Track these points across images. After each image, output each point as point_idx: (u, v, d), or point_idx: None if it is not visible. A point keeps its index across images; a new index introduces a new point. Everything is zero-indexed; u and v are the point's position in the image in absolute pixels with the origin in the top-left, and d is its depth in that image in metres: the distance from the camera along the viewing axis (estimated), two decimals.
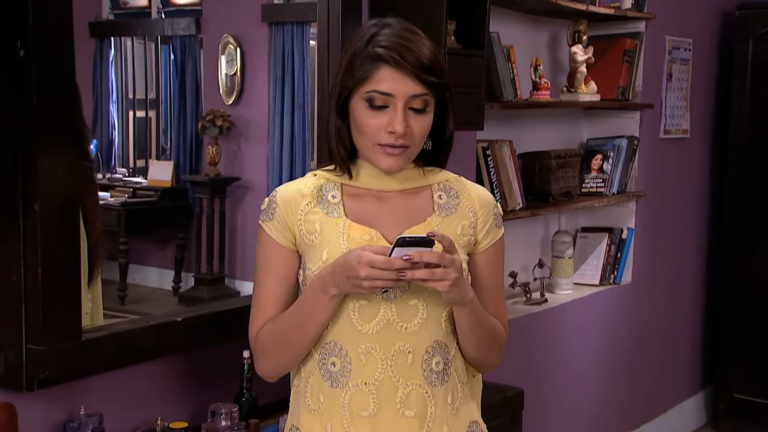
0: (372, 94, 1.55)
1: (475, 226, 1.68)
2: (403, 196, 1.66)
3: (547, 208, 3.23)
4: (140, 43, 5.58)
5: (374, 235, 1.59)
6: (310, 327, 1.57)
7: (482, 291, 1.70)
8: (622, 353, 3.85)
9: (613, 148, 3.66)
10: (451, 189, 1.70)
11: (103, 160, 5.62)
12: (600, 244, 3.74)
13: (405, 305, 1.59)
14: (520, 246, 3.48)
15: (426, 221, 1.64)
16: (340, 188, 1.64)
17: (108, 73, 5.62)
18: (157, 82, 5.61)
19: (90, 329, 1.83)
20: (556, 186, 3.29)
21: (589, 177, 3.63)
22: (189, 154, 5.34)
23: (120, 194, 5.28)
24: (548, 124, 3.58)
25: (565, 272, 3.53)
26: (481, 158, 2.94)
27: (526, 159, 3.33)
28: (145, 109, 5.67)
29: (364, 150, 1.60)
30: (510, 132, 3.27)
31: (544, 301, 3.37)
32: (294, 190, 1.63)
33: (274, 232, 1.62)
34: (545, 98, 3.21)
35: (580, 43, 3.44)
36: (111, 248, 5.40)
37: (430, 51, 1.58)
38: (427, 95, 1.57)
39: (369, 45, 1.56)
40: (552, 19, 3.52)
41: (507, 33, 3.13)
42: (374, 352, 1.59)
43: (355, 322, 1.59)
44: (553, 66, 3.60)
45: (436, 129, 1.67)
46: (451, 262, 1.49)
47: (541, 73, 3.20)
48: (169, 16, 5.43)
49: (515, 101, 3.02)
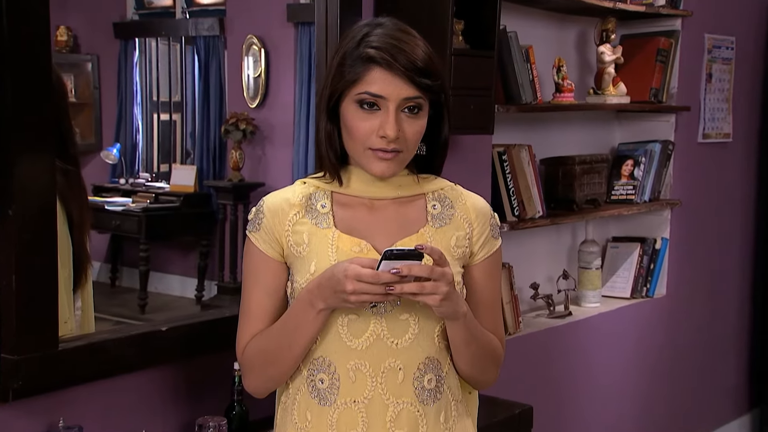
0: (363, 96, 1.54)
1: (471, 238, 1.66)
2: (396, 205, 1.65)
3: (569, 217, 3.20)
4: (164, 44, 5.67)
5: (364, 246, 1.59)
6: (298, 342, 1.57)
7: (478, 305, 1.68)
8: (655, 371, 3.79)
9: (645, 153, 3.60)
10: (445, 198, 1.68)
11: (127, 165, 5.71)
12: (631, 254, 3.69)
13: (396, 320, 1.59)
14: (544, 256, 3.44)
15: (419, 232, 1.63)
16: (329, 197, 1.64)
17: (132, 75, 5.72)
18: (182, 84, 5.69)
19: (68, 338, 1.85)
20: (581, 193, 3.25)
21: (618, 184, 3.59)
22: (212, 158, 5.40)
23: (142, 200, 5.36)
24: (576, 128, 3.54)
25: (592, 284, 3.49)
26: (497, 164, 2.92)
27: (549, 164, 3.30)
28: (169, 112, 5.75)
29: (355, 155, 1.59)
30: (532, 136, 3.25)
31: (568, 314, 3.33)
32: (281, 200, 1.63)
33: (261, 243, 1.62)
34: (568, 101, 3.18)
35: (608, 43, 3.39)
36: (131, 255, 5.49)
37: (424, 52, 1.57)
38: (421, 98, 1.56)
39: (360, 45, 1.55)
40: (579, 17, 3.48)
41: (528, 32, 3.11)
42: (363, 369, 1.58)
43: (344, 337, 1.58)
44: (581, 67, 3.56)
45: (432, 134, 1.66)
46: (441, 275, 1.48)
47: (565, 75, 3.17)
48: (193, 16, 5.50)
49: (535, 104, 2.99)
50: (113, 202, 5.35)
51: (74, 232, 2.08)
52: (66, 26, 5.74)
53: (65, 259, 2.05)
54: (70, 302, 2.07)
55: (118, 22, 5.70)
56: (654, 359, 3.77)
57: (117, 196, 5.54)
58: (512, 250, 3.19)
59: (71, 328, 2.03)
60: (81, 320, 2.18)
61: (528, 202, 2.99)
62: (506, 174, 2.92)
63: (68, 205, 2.05)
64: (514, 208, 2.93)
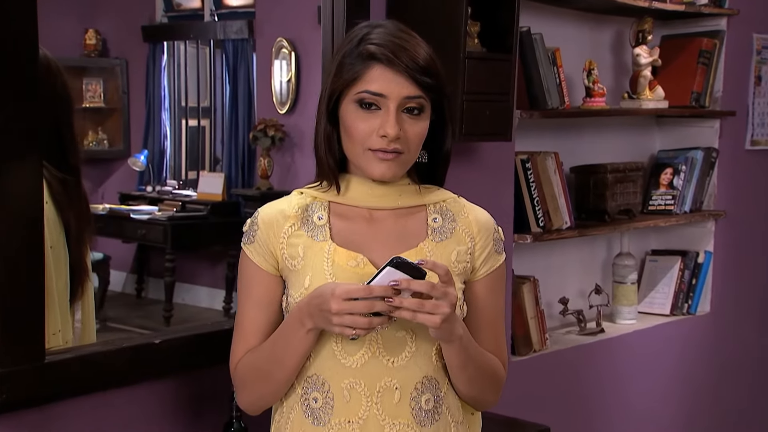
0: (363, 95, 1.55)
1: (473, 252, 1.66)
2: (395, 216, 1.65)
3: (599, 228, 3.17)
4: (193, 47, 5.76)
5: (360, 260, 1.59)
6: (289, 360, 1.57)
7: (480, 322, 1.68)
8: (698, 394, 3.72)
9: (686, 161, 3.55)
10: (447, 211, 1.68)
11: (154, 172, 5.81)
12: (672, 268, 3.64)
13: (392, 337, 1.59)
14: (575, 269, 3.41)
15: (418, 246, 1.63)
16: (327, 207, 1.64)
17: (160, 80, 5.81)
18: (211, 88, 5.77)
19: (57, 351, 1.88)
20: (613, 203, 3.22)
21: (656, 193, 3.54)
22: (241, 166, 5.47)
23: (168, 208, 5.44)
24: (611, 135, 3.51)
25: (627, 299, 3.45)
26: (520, 172, 2.90)
27: (580, 173, 3.27)
28: (198, 118, 5.84)
29: (354, 157, 1.60)
30: (561, 143, 3.22)
31: (600, 331, 3.30)
32: (276, 211, 1.64)
33: (255, 255, 1.63)
34: (599, 106, 3.15)
35: (644, 44, 3.36)
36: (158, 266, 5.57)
37: (425, 52, 1.58)
38: (422, 98, 1.57)
39: (360, 44, 1.57)
40: (615, 17, 3.45)
41: (556, 34, 3.09)
42: (358, 388, 1.58)
43: (338, 354, 1.59)
44: (617, 70, 3.53)
45: (434, 141, 1.66)
46: (444, 294, 1.47)
47: (595, 78, 3.14)
48: (222, 18, 5.58)
49: (561, 109, 2.97)
50: (139, 211, 5.43)
51: (71, 243, 2.11)
52: (95, 29, 5.86)
53: (61, 269, 2.08)
54: (66, 313, 2.10)
55: (147, 25, 5.80)
56: (697, 381, 3.71)
57: (143, 204, 5.63)
58: (538, 263, 3.17)
59: (67, 339, 2.07)
60: (81, 332, 2.22)
61: (554, 213, 2.97)
62: (530, 183, 2.90)
63: (65, 214, 2.07)
64: (538, 218, 2.92)
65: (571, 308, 3.26)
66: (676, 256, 3.65)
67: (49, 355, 1.83)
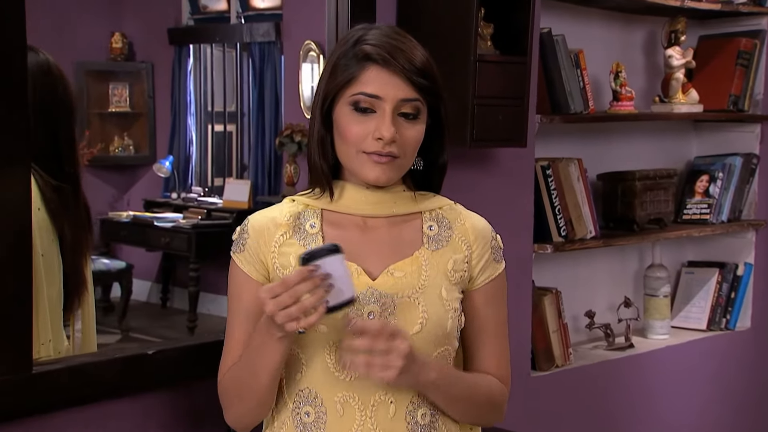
0: (358, 97, 1.56)
1: (470, 261, 1.66)
2: (390, 225, 1.66)
3: (627, 238, 3.14)
4: (219, 51, 5.82)
5: (354, 269, 1.60)
6: (263, 372, 1.55)
7: (479, 333, 1.68)
8: (738, 413, 3.66)
9: (723, 167, 3.51)
10: (443, 219, 1.68)
11: (179, 178, 5.87)
12: (709, 281, 3.59)
13: None
14: (603, 282, 3.39)
15: (413, 255, 1.64)
16: (319, 216, 1.65)
17: (186, 84, 5.89)
18: (237, 93, 5.82)
19: (45, 361, 1.91)
20: (642, 212, 3.19)
21: (691, 202, 3.50)
22: (267, 172, 5.51)
23: (193, 216, 5.49)
24: (643, 140, 3.48)
25: (659, 313, 3.41)
26: (541, 179, 2.89)
27: (607, 180, 3.25)
28: (224, 123, 5.89)
29: (348, 160, 1.61)
30: (587, 149, 3.20)
31: (629, 346, 3.27)
32: (267, 219, 1.65)
33: (245, 264, 1.63)
34: (627, 110, 3.13)
35: (677, 45, 3.33)
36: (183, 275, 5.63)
37: (422, 54, 1.59)
38: (419, 101, 1.58)
39: (356, 45, 1.58)
40: (647, 17, 3.42)
41: (581, 35, 3.08)
42: (352, 402, 1.59)
43: (331, 367, 1.59)
44: (650, 72, 3.50)
45: (430, 149, 1.67)
46: (389, 349, 1.47)
47: (623, 81, 3.12)
48: (249, 20, 5.64)
49: (585, 114, 2.96)
50: (163, 218, 5.49)
51: (66, 252, 2.14)
52: (121, 33, 5.95)
53: (54, 278, 2.11)
54: (58, 323, 2.13)
55: (173, 28, 5.88)
56: (736, 400, 3.65)
57: (168, 211, 5.69)
58: (562, 274, 3.15)
59: (60, 350, 2.10)
60: (81, 343, 2.26)
61: (577, 221, 2.95)
62: (551, 190, 2.89)
63: (59, 222, 2.11)
64: (560, 227, 2.90)
65: (598, 322, 3.23)
66: (713, 269, 3.60)
67: (38, 366, 1.86)
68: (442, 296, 1.62)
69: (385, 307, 1.59)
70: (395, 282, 1.61)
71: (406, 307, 1.60)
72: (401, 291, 1.61)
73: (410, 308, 1.60)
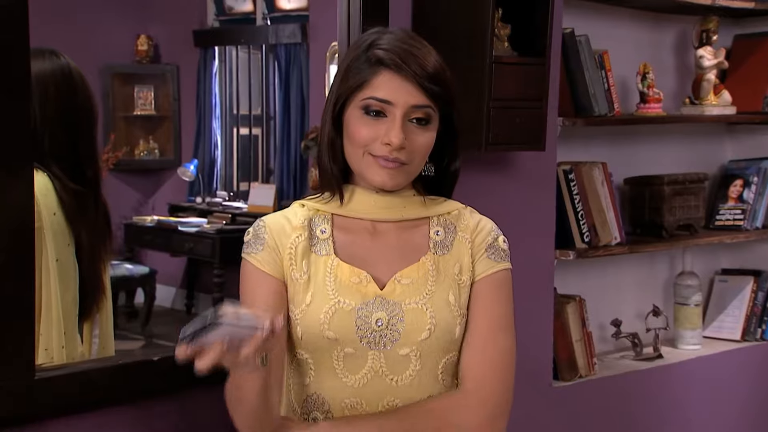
0: (369, 102, 1.59)
1: (472, 255, 1.68)
2: (399, 230, 1.69)
3: (654, 244, 3.12)
4: (244, 52, 5.88)
5: (363, 277, 1.63)
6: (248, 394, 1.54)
7: (469, 327, 1.66)
8: None
9: (758, 171, 3.47)
10: (450, 224, 1.70)
11: (204, 183, 5.94)
12: (743, 290, 3.55)
13: (395, 355, 1.61)
14: (631, 289, 3.36)
15: (420, 261, 1.66)
16: (330, 220, 1.68)
17: (211, 86, 5.96)
18: (263, 95, 5.87)
19: (47, 367, 1.94)
20: (671, 217, 3.17)
21: (724, 207, 3.47)
22: (293, 176, 5.55)
23: (217, 221, 5.54)
24: (674, 143, 3.45)
25: (690, 323, 3.38)
26: (563, 183, 2.88)
27: (634, 185, 3.23)
28: (249, 126, 5.95)
29: (355, 162, 1.63)
30: (614, 153, 3.19)
31: (658, 356, 3.24)
32: (284, 220, 1.68)
33: (264, 264, 1.64)
34: (654, 112, 3.11)
35: (708, 45, 3.30)
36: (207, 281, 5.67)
37: (435, 60, 1.61)
38: (430, 107, 1.60)
39: (369, 50, 1.61)
40: (678, 16, 3.40)
41: (607, 35, 3.07)
42: (360, 408, 1.62)
43: (340, 373, 1.62)
44: (681, 73, 3.48)
45: (441, 155, 1.69)
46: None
47: (651, 82, 3.10)
48: (275, 22, 5.69)
49: (610, 116, 2.94)
50: (187, 223, 5.55)
51: (83, 257, 2.18)
52: (147, 35, 6.03)
53: (69, 283, 2.15)
54: (72, 329, 2.17)
55: (198, 30, 5.95)
56: None
57: (193, 216, 5.75)
58: (586, 282, 3.14)
59: (74, 356, 2.12)
60: (98, 349, 2.29)
61: (601, 227, 2.94)
62: (573, 195, 2.88)
63: (76, 228, 2.15)
64: (583, 233, 2.89)
65: (625, 331, 3.21)
66: (748, 276, 3.56)
67: (40, 372, 1.88)
68: (449, 302, 1.64)
69: (392, 315, 1.62)
70: (403, 289, 1.64)
71: (413, 314, 1.62)
72: (409, 298, 1.63)
73: (418, 315, 1.62)
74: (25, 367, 1.85)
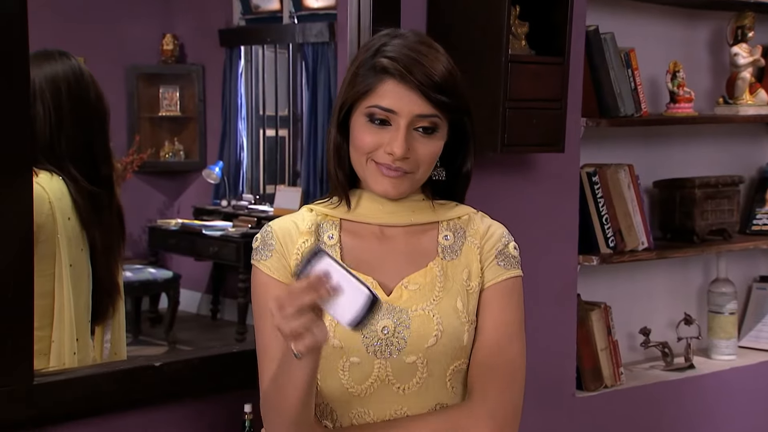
0: (373, 110, 1.60)
1: (481, 261, 1.69)
2: (407, 234, 1.70)
3: (684, 250, 3.10)
4: (271, 52, 5.93)
5: (371, 284, 1.64)
6: (291, 391, 1.53)
7: (477, 336, 1.67)
8: None
9: None
10: (460, 228, 1.72)
11: (230, 185, 5.99)
12: None
13: (402, 363, 1.63)
14: (661, 297, 3.34)
15: (428, 266, 1.68)
16: (338, 226, 1.70)
17: (237, 87, 6.01)
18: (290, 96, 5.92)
19: (47, 372, 1.98)
20: (703, 222, 3.15)
21: (761, 211, 3.44)
22: (320, 179, 5.59)
23: (242, 224, 5.60)
24: (708, 145, 3.42)
25: (724, 332, 3.35)
26: (586, 186, 2.88)
27: (664, 188, 3.22)
28: (276, 128, 5.99)
29: (359, 169, 1.65)
30: (643, 154, 3.18)
31: (689, 366, 3.22)
32: (291, 224, 1.70)
33: (274, 271, 1.66)
34: (685, 112, 3.09)
35: (744, 42, 3.28)
36: (233, 285, 5.73)
37: (444, 67, 1.61)
38: (436, 117, 1.62)
39: (376, 56, 1.62)
40: (711, 12, 3.38)
41: (635, 32, 3.06)
42: (367, 418, 1.64)
43: (345, 383, 1.64)
44: (715, 71, 3.45)
45: (453, 159, 1.71)
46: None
47: (681, 81, 3.09)
48: (302, 21, 5.74)
49: (637, 117, 2.94)
50: (211, 227, 5.60)
51: (96, 259, 2.23)
52: (172, 34, 6.10)
53: (82, 288, 2.20)
54: (85, 334, 2.21)
55: (224, 29, 6.01)
56: None
57: (218, 219, 5.81)
58: (613, 288, 3.13)
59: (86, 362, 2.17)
60: (110, 354, 2.33)
61: (627, 232, 2.93)
62: (597, 199, 2.87)
63: (91, 232, 2.20)
64: (608, 238, 2.88)
65: (654, 340, 3.20)
66: None
67: (39, 377, 1.92)
68: (457, 308, 1.65)
69: (399, 322, 1.63)
70: (410, 296, 1.65)
71: (420, 320, 1.63)
72: (416, 304, 1.64)
73: (425, 321, 1.63)
74: (25, 372, 1.89)
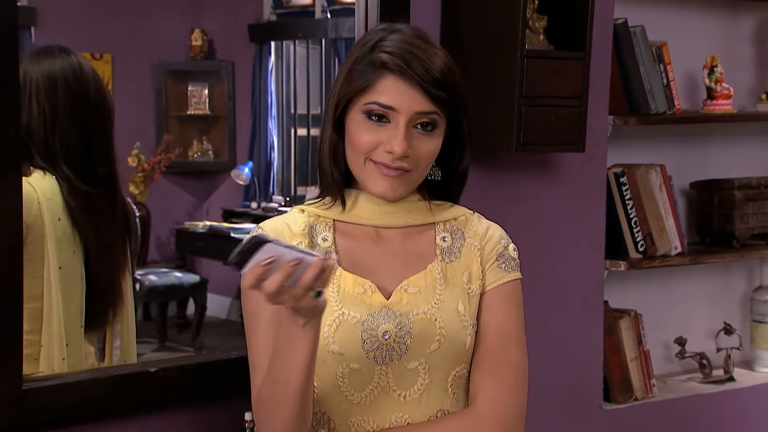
0: (371, 107, 1.62)
1: (482, 263, 1.71)
2: (404, 236, 1.72)
3: (721, 255, 3.07)
4: (302, 47, 5.96)
5: (368, 287, 1.66)
6: (293, 374, 1.53)
7: (478, 341, 1.69)
8: None
9: None
10: (457, 230, 1.74)
11: (260, 186, 6.03)
12: None
13: (403, 369, 1.65)
14: (700, 305, 3.31)
15: (426, 268, 1.69)
16: (332, 227, 1.72)
17: (267, 84, 6.05)
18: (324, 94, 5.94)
19: (37, 377, 2.02)
20: (743, 225, 3.12)
21: None
22: None
23: None
24: (749, 144, 3.39)
25: (767, 342, 3.32)
26: (614, 188, 2.86)
27: (702, 189, 3.19)
28: (307, 127, 6.02)
29: (356, 168, 1.67)
30: (680, 154, 3.16)
31: (729, 378, 3.19)
32: (283, 225, 1.72)
33: None
34: (723, 109, 3.06)
35: None
36: None
37: (443, 63, 1.63)
38: (436, 114, 1.63)
39: (373, 51, 1.64)
40: (755, 3, 3.34)
41: (671, 26, 3.05)
42: (367, 426, 1.65)
43: (345, 390, 1.65)
44: (760, 66, 3.42)
45: (449, 159, 1.72)
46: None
47: (719, 77, 3.06)
48: (335, 15, 5.76)
49: (668, 114, 2.91)
50: (240, 230, 5.65)
51: (92, 264, 2.25)
52: (201, 30, 6.16)
53: (74, 292, 2.22)
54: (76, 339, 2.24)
55: (254, 24, 6.05)
56: None
57: (248, 221, 5.85)
58: (646, 296, 3.11)
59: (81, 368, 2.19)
60: (119, 360, 2.36)
61: (659, 235, 2.91)
62: (626, 201, 2.86)
63: (83, 233, 2.22)
64: (638, 242, 2.86)
65: (691, 350, 3.17)
66: None
67: (28, 382, 1.95)
68: (459, 311, 1.67)
69: (400, 326, 1.64)
70: (410, 299, 1.66)
71: (422, 324, 1.65)
72: (416, 308, 1.66)
73: (426, 325, 1.65)
74: (12, 377, 1.92)
